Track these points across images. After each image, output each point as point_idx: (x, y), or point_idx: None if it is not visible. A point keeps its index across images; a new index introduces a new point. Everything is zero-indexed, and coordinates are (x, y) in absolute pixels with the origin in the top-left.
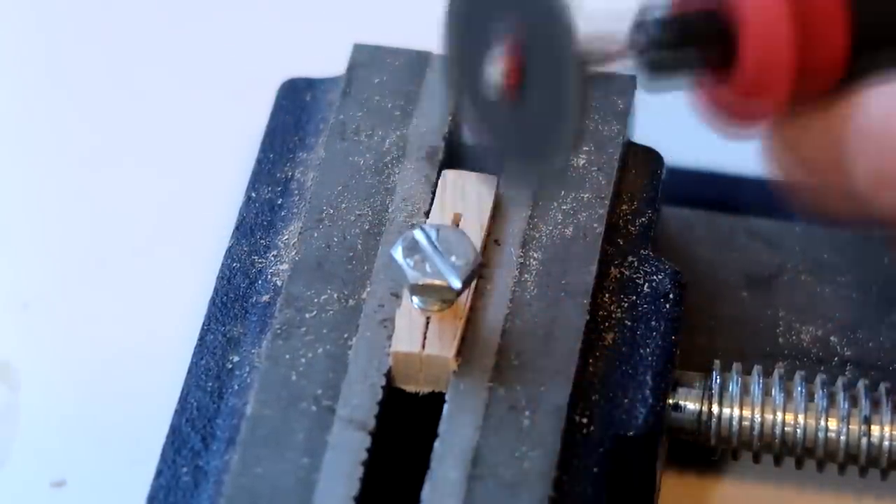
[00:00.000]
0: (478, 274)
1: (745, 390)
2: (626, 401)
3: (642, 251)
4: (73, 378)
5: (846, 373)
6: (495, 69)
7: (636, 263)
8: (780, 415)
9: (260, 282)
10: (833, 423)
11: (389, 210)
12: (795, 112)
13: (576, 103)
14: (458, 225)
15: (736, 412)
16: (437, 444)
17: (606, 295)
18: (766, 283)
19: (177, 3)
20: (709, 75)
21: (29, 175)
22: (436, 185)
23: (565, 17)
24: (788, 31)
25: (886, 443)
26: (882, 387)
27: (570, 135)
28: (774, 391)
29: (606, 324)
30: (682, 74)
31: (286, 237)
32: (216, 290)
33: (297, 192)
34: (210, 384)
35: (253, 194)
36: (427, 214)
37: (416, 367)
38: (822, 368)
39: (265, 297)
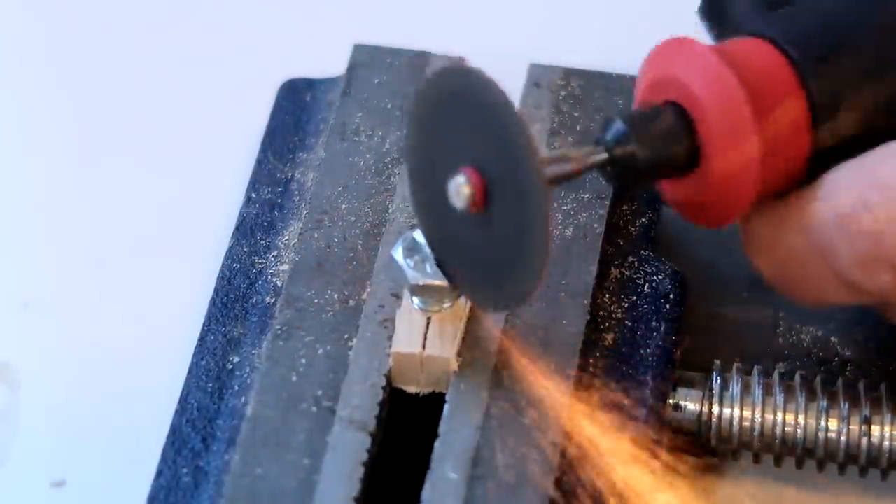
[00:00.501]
0: None
1: (745, 390)
2: (626, 401)
3: (642, 251)
4: (73, 378)
5: (846, 373)
6: (461, 193)
7: (636, 263)
8: (780, 415)
9: (260, 282)
10: (833, 424)
11: (389, 210)
12: (763, 208)
13: (541, 226)
14: None
15: (736, 412)
16: (437, 444)
17: (606, 295)
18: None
19: (177, 4)
20: (675, 175)
21: (29, 175)
22: None
23: (525, 140)
24: (753, 143)
25: (886, 443)
26: (882, 387)
27: (539, 255)
28: (775, 391)
29: (606, 324)
30: (647, 177)
31: (286, 238)
32: (216, 291)
33: (297, 192)
34: (210, 385)
35: (253, 195)
36: None
37: (416, 368)
38: (822, 368)
39: (265, 298)
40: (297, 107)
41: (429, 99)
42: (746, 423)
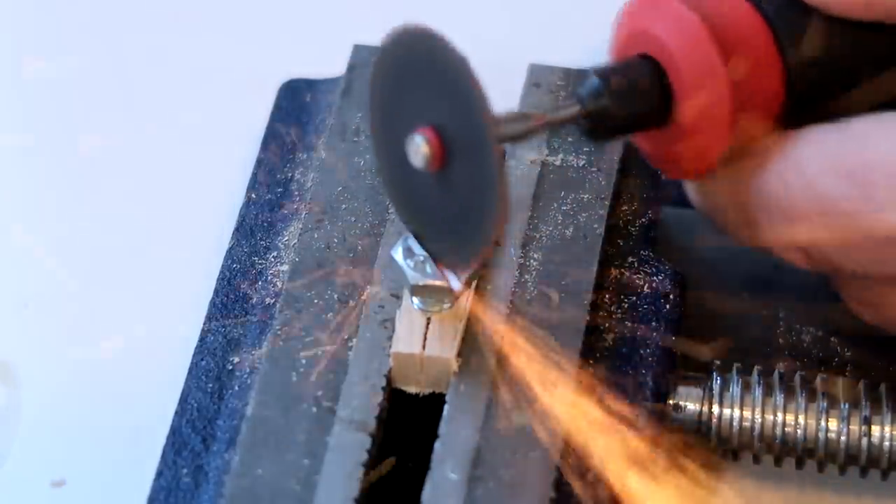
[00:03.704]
0: (478, 274)
1: (745, 391)
2: (626, 401)
3: (642, 251)
4: (73, 378)
5: (846, 373)
6: (419, 153)
7: (636, 264)
8: (780, 415)
9: (260, 282)
10: (833, 424)
11: (389, 210)
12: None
13: (493, 183)
14: None
15: (736, 413)
16: (437, 444)
17: (606, 295)
18: (766, 283)
19: (177, 4)
20: (648, 127)
21: (29, 175)
22: None
23: (478, 99)
24: (721, 82)
25: (887, 443)
26: (882, 387)
27: (494, 213)
28: (775, 392)
29: (606, 324)
30: (621, 130)
31: (286, 238)
32: (216, 291)
33: (297, 192)
34: (210, 385)
35: (253, 195)
36: None
37: (416, 368)
38: (822, 368)
39: (265, 298)
40: (296, 107)
41: (389, 60)
42: (746, 423)
